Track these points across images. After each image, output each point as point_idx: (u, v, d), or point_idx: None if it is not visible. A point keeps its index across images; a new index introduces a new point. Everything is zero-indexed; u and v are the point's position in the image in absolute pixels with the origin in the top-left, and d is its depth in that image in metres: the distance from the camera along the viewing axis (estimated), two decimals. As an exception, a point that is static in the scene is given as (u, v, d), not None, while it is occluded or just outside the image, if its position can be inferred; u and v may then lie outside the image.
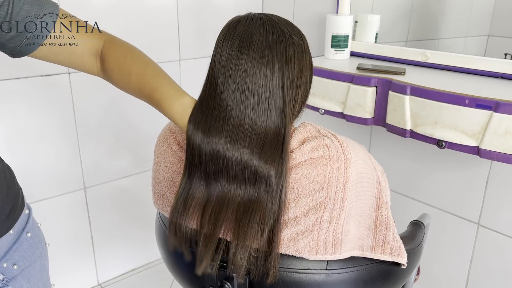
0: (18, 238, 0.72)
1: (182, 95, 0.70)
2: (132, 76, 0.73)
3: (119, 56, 0.75)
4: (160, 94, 0.70)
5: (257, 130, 0.65)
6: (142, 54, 0.77)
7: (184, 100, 0.69)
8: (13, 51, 0.71)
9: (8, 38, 0.68)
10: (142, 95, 0.73)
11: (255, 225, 0.66)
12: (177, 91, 0.71)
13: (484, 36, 1.31)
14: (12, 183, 0.73)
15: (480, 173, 1.25)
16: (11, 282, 0.70)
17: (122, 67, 0.74)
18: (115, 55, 0.75)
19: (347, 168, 0.66)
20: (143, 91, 0.72)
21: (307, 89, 0.72)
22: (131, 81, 0.73)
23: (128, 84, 0.74)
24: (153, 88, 0.71)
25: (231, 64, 0.65)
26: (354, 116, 1.24)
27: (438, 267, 1.42)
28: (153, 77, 0.72)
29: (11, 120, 1.37)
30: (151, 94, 0.71)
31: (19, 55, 0.72)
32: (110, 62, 0.74)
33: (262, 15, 0.69)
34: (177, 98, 0.69)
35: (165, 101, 0.70)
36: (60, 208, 1.54)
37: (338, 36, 1.40)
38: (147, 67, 0.74)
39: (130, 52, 0.76)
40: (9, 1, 0.66)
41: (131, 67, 0.73)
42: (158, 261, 1.85)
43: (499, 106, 0.94)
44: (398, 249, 0.73)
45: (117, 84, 0.76)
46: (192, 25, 1.68)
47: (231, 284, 0.72)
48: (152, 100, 0.71)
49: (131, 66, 0.73)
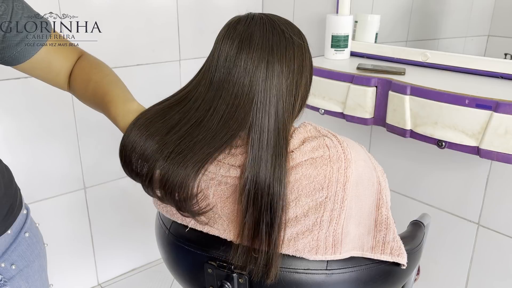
0: (16, 238, 0.72)
1: (130, 100, 0.71)
2: (90, 84, 0.74)
3: (84, 67, 0.77)
4: (110, 97, 0.71)
5: (257, 130, 0.65)
6: (106, 68, 0.79)
7: (131, 105, 0.70)
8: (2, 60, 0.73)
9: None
10: (96, 101, 0.74)
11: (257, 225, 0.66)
12: (125, 96, 0.71)
13: (484, 36, 1.31)
14: (9, 183, 0.73)
15: (480, 173, 1.25)
16: (9, 282, 0.70)
17: (84, 76, 0.76)
18: (81, 67, 0.78)
19: (347, 168, 0.66)
20: (96, 97, 0.73)
21: (307, 89, 0.72)
22: (88, 88, 0.75)
23: (85, 92, 0.75)
24: (105, 92, 0.72)
25: (230, 63, 0.65)
26: (354, 116, 1.24)
27: (438, 267, 1.42)
28: (108, 84, 0.74)
29: (11, 120, 1.37)
30: (102, 98, 0.72)
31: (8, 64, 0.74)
32: (75, 73, 0.77)
33: (262, 15, 0.69)
34: (123, 102, 0.70)
35: (112, 104, 0.70)
36: (60, 208, 1.54)
37: (338, 36, 1.40)
38: (105, 76, 0.76)
39: (96, 65, 0.78)
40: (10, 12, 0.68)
41: (91, 76, 0.75)
42: (158, 261, 1.85)
43: (499, 106, 0.94)
44: (398, 249, 0.73)
45: (77, 93, 0.78)
46: (192, 25, 1.68)
47: (231, 284, 0.72)
48: (102, 104, 0.72)
49: (92, 75, 0.76)
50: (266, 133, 0.65)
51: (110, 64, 1.54)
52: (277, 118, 0.66)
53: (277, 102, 0.66)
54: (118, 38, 1.51)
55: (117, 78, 0.77)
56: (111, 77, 0.76)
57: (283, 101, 0.66)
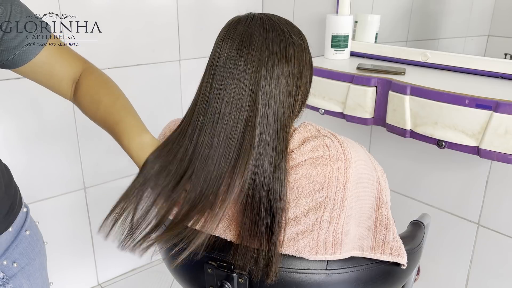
0: (17, 236, 0.73)
1: (143, 132, 0.70)
2: (101, 106, 0.73)
3: (93, 85, 0.76)
4: (122, 128, 0.70)
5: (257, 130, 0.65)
6: (116, 88, 0.77)
7: (144, 138, 0.69)
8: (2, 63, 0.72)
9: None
10: (106, 126, 0.73)
11: (257, 225, 0.66)
12: (139, 127, 0.71)
13: (484, 36, 1.31)
14: (9, 182, 0.74)
15: (480, 173, 1.25)
16: (11, 280, 0.70)
17: (94, 96, 0.75)
18: (90, 84, 0.76)
19: (347, 168, 0.66)
20: (108, 122, 0.72)
21: (307, 89, 0.72)
22: (99, 110, 0.74)
23: (95, 113, 0.74)
24: (117, 120, 0.71)
25: (230, 64, 0.65)
26: (354, 116, 1.24)
27: (438, 267, 1.42)
28: (119, 110, 0.73)
29: (11, 120, 1.37)
30: (114, 126, 0.71)
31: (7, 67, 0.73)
32: (84, 90, 0.76)
33: (262, 15, 0.69)
34: (138, 134, 0.69)
35: (125, 135, 0.69)
36: (60, 208, 1.54)
37: (338, 36, 1.40)
38: (117, 100, 0.74)
39: (104, 84, 0.77)
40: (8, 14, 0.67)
41: (102, 98, 0.74)
42: (158, 261, 1.85)
43: (499, 106, 0.94)
44: (398, 249, 0.73)
45: (85, 111, 0.77)
46: (192, 25, 1.68)
47: (231, 284, 0.72)
48: (114, 132, 0.71)
49: (102, 96, 0.74)
50: (266, 133, 0.65)
51: (110, 64, 1.55)
52: (277, 118, 0.66)
53: (277, 102, 0.66)
54: (118, 38, 1.51)
55: (127, 101, 0.75)
56: (122, 101, 0.75)
57: (283, 101, 0.66)
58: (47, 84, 0.77)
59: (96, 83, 0.76)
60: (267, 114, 0.65)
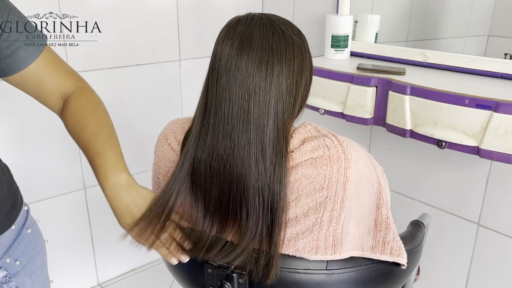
0: (19, 234, 0.74)
1: (120, 170, 0.71)
2: (85, 132, 0.73)
3: (81, 108, 0.75)
4: (101, 162, 0.71)
5: (259, 131, 0.65)
6: (104, 115, 0.77)
7: (120, 177, 0.70)
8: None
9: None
10: (86, 153, 0.74)
11: (257, 225, 0.66)
12: (117, 164, 0.71)
13: (484, 36, 1.31)
14: (10, 181, 0.75)
15: (480, 173, 1.25)
16: (14, 278, 0.71)
17: (80, 120, 0.75)
18: (78, 106, 0.75)
19: (347, 168, 0.66)
20: (88, 151, 0.73)
21: (307, 89, 0.72)
22: (82, 135, 0.74)
23: (78, 137, 0.75)
24: (98, 152, 0.71)
25: (231, 64, 0.65)
26: (354, 116, 1.24)
27: (438, 267, 1.42)
28: (102, 142, 0.73)
29: (11, 120, 1.37)
30: (94, 157, 0.72)
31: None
32: (71, 111, 0.75)
33: (262, 15, 0.69)
34: (114, 172, 0.70)
35: (102, 170, 0.70)
36: (60, 208, 1.54)
37: (338, 36, 1.40)
38: (102, 129, 0.74)
39: (93, 109, 0.76)
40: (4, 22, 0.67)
41: (87, 124, 0.74)
42: (158, 261, 1.85)
43: (499, 106, 0.94)
44: (398, 249, 0.73)
45: (69, 131, 0.77)
46: (192, 25, 1.68)
47: (231, 284, 0.72)
48: (93, 163, 0.72)
49: (88, 123, 0.74)
50: (266, 133, 0.65)
51: (110, 64, 1.55)
52: (277, 118, 0.66)
53: (277, 102, 0.66)
54: (118, 38, 1.51)
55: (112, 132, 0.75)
56: (107, 132, 0.74)
57: (283, 101, 0.66)
58: (36, 96, 0.77)
59: (84, 107, 0.76)
60: (267, 114, 0.65)
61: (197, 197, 0.71)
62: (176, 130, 0.79)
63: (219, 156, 0.67)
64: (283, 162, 0.65)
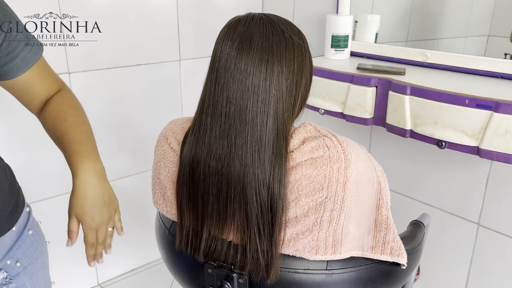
0: (20, 235, 0.73)
1: (99, 160, 0.75)
2: (65, 123, 0.76)
3: (63, 104, 0.79)
4: (81, 147, 0.73)
5: (257, 131, 0.65)
6: (84, 115, 0.81)
7: (98, 165, 0.74)
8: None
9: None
10: (63, 140, 0.75)
11: (257, 226, 0.66)
12: (96, 155, 0.75)
13: (484, 36, 1.31)
14: (12, 182, 0.75)
15: (480, 173, 1.25)
16: (14, 279, 0.71)
17: (61, 113, 0.77)
18: (60, 103, 0.79)
19: (347, 168, 0.66)
20: (67, 138, 0.75)
21: (307, 89, 0.72)
22: (61, 126, 0.76)
23: (57, 127, 0.77)
24: (77, 140, 0.74)
25: (230, 64, 0.65)
26: (354, 116, 1.24)
27: (438, 267, 1.42)
28: (82, 133, 0.76)
29: (11, 120, 1.37)
30: (73, 144, 0.74)
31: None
32: (53, 105, 0.78)
33: (262, 15, 0.69)
34: (92, 159, 0.73)
35: (80, 155, 0.73)
36: (60, 208, 1.54)
37: (338, 36, 1.40)
38: (82, 124, 0.78)
39: (74, 107, 0.80)
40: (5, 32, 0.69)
41: (68, 117, 0.77)
42: (158, 261, 1.85)
43: (499, 106, 0.94)
44: (398, 249, 0.73)
45: (46, 123, 0.79)
46: (192, 25, 1.68)
47: (231, 284, 0.72)
48: (69, 148, 0.74)
49: (69, 117, 0.77)
50: (265, 132, 0.65)
51: (110, 64, 1.54)
52: (277, 118, 0.66)
53: (277, 102, 0.66)
54: (118, 38, 1.51)
55: (91, 129, 0.79)
56: (87, 127, 0.78)
57: (283, 101, 0.66)
58: (19, 98, 0.80)
59: (66, 103, 0.79)
60: (267, 114, 0.65)
61: (197, 197, 0.71)
62: (176, 130, 0.79)
63: (216, 156, 0.67)
64: (283, 162, 0.66)
